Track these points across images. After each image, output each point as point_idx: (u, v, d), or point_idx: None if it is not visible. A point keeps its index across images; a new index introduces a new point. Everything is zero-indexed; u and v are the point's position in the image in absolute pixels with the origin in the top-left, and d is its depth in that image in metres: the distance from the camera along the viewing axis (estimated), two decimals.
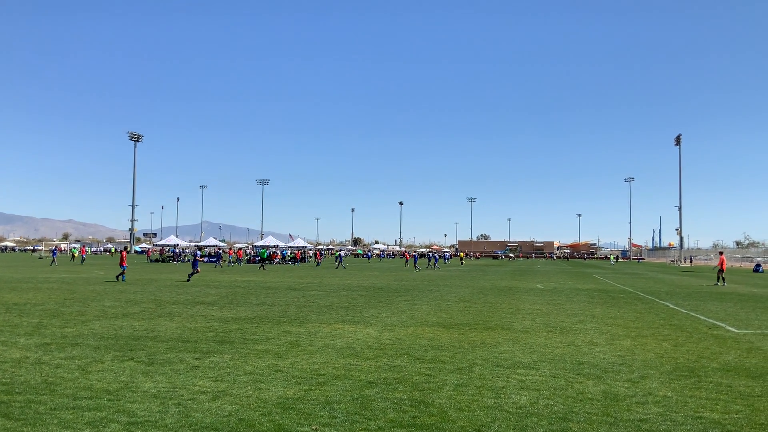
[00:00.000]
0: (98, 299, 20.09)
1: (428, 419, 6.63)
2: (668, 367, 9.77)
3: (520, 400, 7.56)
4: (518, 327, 14.48)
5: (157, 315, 15.82)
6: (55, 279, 31.68)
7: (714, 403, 7.55)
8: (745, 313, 18.73)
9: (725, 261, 36.19)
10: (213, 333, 12.79)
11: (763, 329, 14.93)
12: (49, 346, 10.97)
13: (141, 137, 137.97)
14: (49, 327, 13.37)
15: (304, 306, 18.82)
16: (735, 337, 13.39)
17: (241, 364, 9.52)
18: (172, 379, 8.40)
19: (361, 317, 16.03)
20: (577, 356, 10.67)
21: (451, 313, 17.27)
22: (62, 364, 9.36)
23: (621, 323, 15.54)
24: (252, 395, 7.54)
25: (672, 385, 8.49)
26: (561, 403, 7.44)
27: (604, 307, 19.88)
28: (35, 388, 7.76)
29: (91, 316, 15.46)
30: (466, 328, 14.20)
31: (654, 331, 14.19)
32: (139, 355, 10.16)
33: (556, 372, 9.30)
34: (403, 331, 13.45)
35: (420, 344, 11.72)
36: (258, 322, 14.71)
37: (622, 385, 8.43)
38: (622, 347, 11.73)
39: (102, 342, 11.43)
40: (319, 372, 8.99)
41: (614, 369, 9.58)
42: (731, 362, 10.33)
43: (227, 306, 18.48)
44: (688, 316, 17.52)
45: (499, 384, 8.41)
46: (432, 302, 20.82)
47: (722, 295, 27.11)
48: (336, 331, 13.28)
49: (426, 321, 15.40)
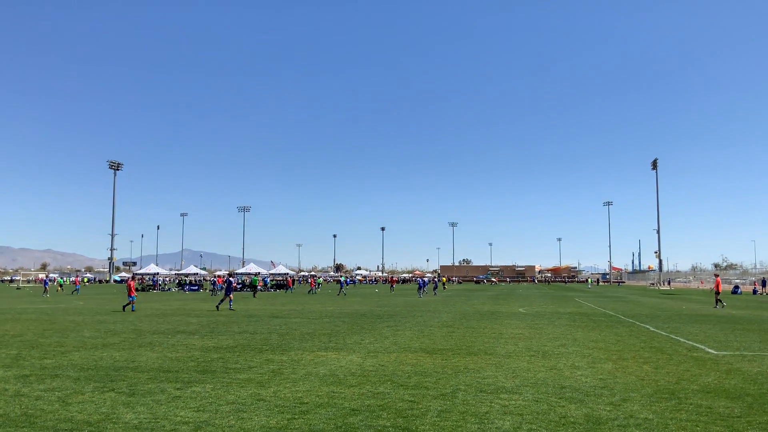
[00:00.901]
0: (77, 330, 19.84)
1: None
2: (649, 390, 9.86)
3: (504, 425, 7.58)
4: (501, 351, 14.53)
5: (138, 345, 15.67)
6: (33, 309, 31.25)
7: (694, 424, 7.64)
8: (724, 335, 18.93)
9: (721, 283, 36.12)
10: (194, 362, 12.69)
11: (741, 350, 15.10)
12: (28, 377, 10.82)
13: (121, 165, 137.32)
14: (28, 358, 13.19)
15: (287, 334, 18.73)
16: (714, 359, 13.53)
17: (223, 393, 9.46)
18: (154, 409, 8.33)
19: (344, 344, 15.99)
20: (560, 380, 10.73)
21: (434, 339, 17.28)
22: (42, 395, 9.24)
23: (602, 346, 15.65)
24: (234, 425, 7.50)
25: (653, 408, 8.56)
26: (544, 427, 7.48)
27: (585, 331, 20.00)
28: (15, 421, 7.66)
29: (70, 346, 15.27)
30: (449, 353, 14.22)
31: (635, 353, 14.31)
32: (119, 385, 10.06)
33: (539, 396, 9.34)
34: (387, 358, 13.44)
35: (403, 370, 11.72)
36: (240, 350, 14.62)
37: (604, 408, 8.49)
38: (604, 370, 11.81)
39: (82, 373, 11.30)
40: (302, 400, 8.96)
41: (596, 392, 9.65)
42: (711, 384, 10.44)
43: (208, 335, 18.34)
44: (668, 339, 17.68)
45: (483, 409, 8.43)
46: (415, 328, 20.81)
47: (701, 317, 27.38)
48: (319, 359, 13.23)
49: (409, 347, 15.40)
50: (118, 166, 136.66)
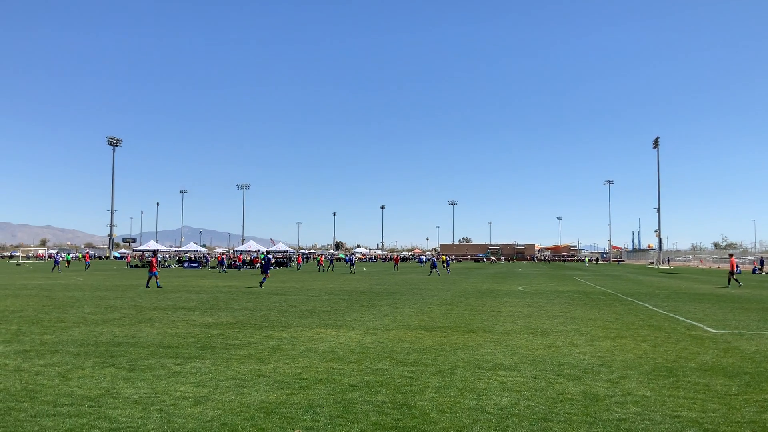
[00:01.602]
0: (77, 306, 19.90)
1: (410, 422, 6.68)
2: (647, 368, 9.90)
3: (502, 401, 7.62)
4: (499, 329, 14.58)
5: (138, 321, 15.72)
6: (32, 285, 31.33)
7: (692, 402, 7.67)
8: (723, 314, 18.99)
9: (735, 263, 35.47)
10: (194, 338, 12.74)
11: (740, 329, 15.16)
12: (28, 353, 10.86)
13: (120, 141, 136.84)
14: (28, 334, 13.24)
15: (286, 311, 18.79)
16: (712, 338, 13.58)
17: (223, 369, 9.50)
18: (154, 384, 8.37)
19: (344, 321, 16.04)
20: (558, 357, 10.78)
21: (433, 316, 17.33)
22: (42, 371, 9.28)
23: (601, 324, 15.70)
24: (234, 400, 7.54)
25: (651, 385, 8.60)
26: (541, 403, 7.52)
27: (584, 309, 20.06)
28: (15, 396, 7.70)
29: (70, 322, 15.32)
30: (447, 330, 14.27)
31: (633, 332, 14.36)
32: (119, 361, 10.10)
33: (537, 373, 9.38)
34: (386, 335, 13.49)
35: (402, 347, 11.76)
36: (240, 327, 14.67)
37: (602, 386, 8.53)
38: (602, 348, 11.86)
39: (82, 348, 11.34)
40: (302, 376, 9.00)
41: (594, 370, 9.69)
42: (709, 362, 10.48)
43: (208, 311, 18.39)
44: (667, 317, 17.74)
45: (481, 386, 8.47)
46: (414, 305, 20.88)
47: (700, 296, 27.46)
48: (318, 336, 13.28)
49: (408, 324, 15.45)
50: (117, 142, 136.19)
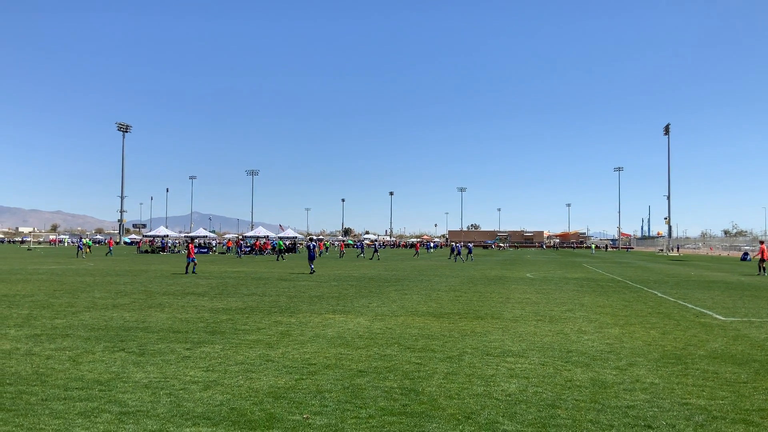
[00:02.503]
0: (88, 290, 20.04)
1: (418, 407, 6.69)
2: (656, 355, 9.88)
3: (510, 387, 7.63)
4: (508, 316, 14.57)
5: (148, 306, 15.81)
6: (44, 270, 31.54)
7: (700, 389, 7.66)
8: (732, 301, 18.91)
9: (766, 250, 34.61)
10: (204, 323, 12.80)
11: (749, 317, 15.09)
12: (39, 337, 10.95)
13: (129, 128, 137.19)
14: (39, 318, 13.34)
15: (295, 296, 18.85)
16: (722, 325, 13.54)
17: (232, 354, 9.55)
18: (164, 369, 8.42)
19: (352, 307, 16.07)
20: (566, 344, 10.77)
21: (441, 303, 17.35)
22: (53, 355, 9.36)
23: (609, 312, 15.67)
24: (243, 385, 7.58)
25: (659, 373, 8.59)
26: (550, 390, 7.52)
27: (592, 296, 20.02)
28: (26, 379, 7.77)
29: (81, 307, 15.43)
30: (456, 317, 14.28)
31: (642, 319, 14.32)
32: (130, 345, 10.17)
33: (545, 360, 9.38)
34: (394, 321, 13.51)
35: (410, 333, 11.78)
36: (249, 312, 14.73)
37: (610, 373, 8.52)
38: (611, 335, 11.84)
39: (92, 333, 11.42)
40: (310, 361, 9.03)
41: (602, 357, 9.68)
42: (718, 350, 10.45)
43: (218, 297, 18.48)
44: (676, 305, 17.68)
45: (489, 372, 8.48)
46: (422, 292, 20.90)
47: (709, 283, 27.35)
48: (327, 321, 13.32)
49: (416, 310, 15.47)
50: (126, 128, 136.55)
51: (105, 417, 6.23)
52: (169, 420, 6.16)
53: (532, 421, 6.30)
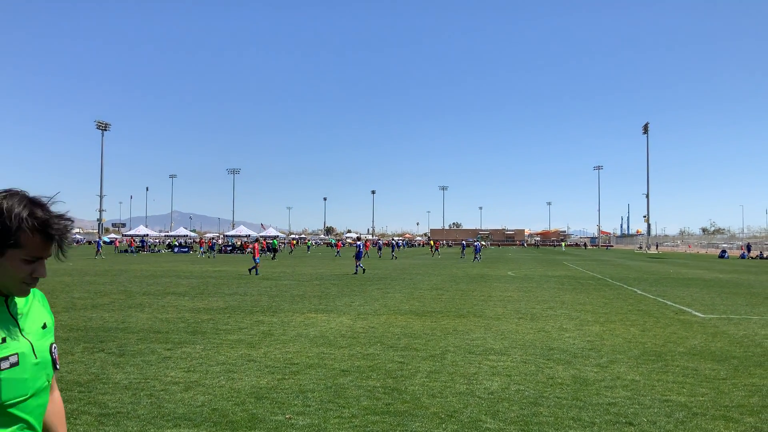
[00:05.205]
0: (66, 291, 19.80)
1: (401, 406, 6.69)
2: (636, 352, 9.96)
3: (492, 385, 7.65)
4: (490, 314, 14.62)
5: (128, 306, 15.66)
6: None
7: (680, 386, 7.73)
8: (711, 298, 19.13)
9: None
10: (184, 323, 12.70)
11: (728, 314, 15.27)
12: None
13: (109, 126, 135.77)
14: None
15: (277, 296, 18.77)
16: (701, 322, 13.68)
17: (213, 354, 9.48)
18: (144, 370, 8.34)
19: (334, 306, 16.04)
20: (548, 342, 10.83)
21: (423, 301, 17.36)
22: None
23: (590, 309, 15.78)
24: (225, 385, 7.53)
25: (640, 370, 8.66)
26: (532, 388, 7.55)
27: (573, 294, 20.16)
28: None
29: (59, 307, 15.24)
30: (438, 315, 14.30)
31: (622, 316, 14.44)
32: (109, 346, 10.06)
33: (527, 358, 9.42)
34: (376, 320, 13.50)
35: (393, 332, 11.78)
36: (230, 312, 14.64)
37: (591, 370, 8.58)
38: (591, 333, 11.92)
39: (71, 334, 11.29)
40: (293, 361, 8.99)
41: (583, 354, 9.74)
42: (697, 346, 10.56)
43: (199, 296, 18.35)
44: (656, 302, 17.85)
45: (471, 370, 8.50)
46: (405, 290, 20.91)
47: (688, 281, 27.66)
48: (309, 321, 13.28)
49: (399, 309, 15.47)
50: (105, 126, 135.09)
51: (85, 419, 6.15)
52: (150, 421, 6.10)
53: (514, 419, 6.32)
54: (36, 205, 1.93)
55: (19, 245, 1.89)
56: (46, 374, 2.04)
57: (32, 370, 1.96)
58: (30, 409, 1.97)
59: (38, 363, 2.00)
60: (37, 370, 1.98)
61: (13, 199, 1.90)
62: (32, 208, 1.91)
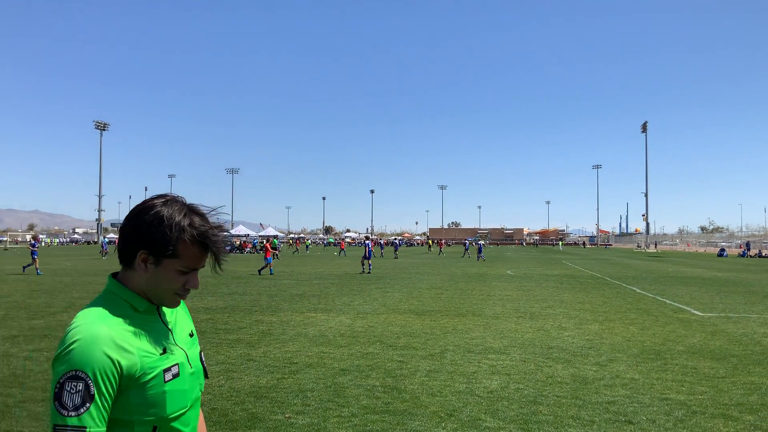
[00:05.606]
0: (66, 291, 19.79)
1: (401, 405, 6.70)
2: (635, 351, 9.97)
3: (491, 384, 7.66)
4: (489, 313, 14.63)
5: None
6: (20, 271, 31.12)
7: (680, 384, 7.74)
8: (710, 297, 19.15)
9: None
10: None
11: (726, 312, 15.29)
12: (16, 338, 10.80)
13: (107, 126, 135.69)
14: (16, 319, 13.16)
15: (276, 295, 18.77)
16: (700, 321, 13.70)
17: (212, 354, 9.49)
18: None
19: (334, 305, 16.04)
20: (547, 341, 10.83)
21: (422, 300, 17.37)
22: (31, 356, 9.23)
23: (589, 308, 15.79)
24: (224, 385, 7.53)
25: (639, 368, 8.67)
26: (531, 386, 7.56)
27: (572, 293, 20.17)
28: (3, 381, 7.65)
29: (59, 307, 15.23)
30: (437, 314, 14.31)
31: (621, 315, 14.45)
32: None
33: (526, 356, 9.43)
34: (376, 319, 13.50)
35: (392, 331, 11.78)
36: (229, 311, 14.64)
37: (591, 369, 8.59)
38: (591, 331, 11.93)
39: None
40: (292, 360, 9.00)
41: (583, 353, 9.75)
42: (696, 345, 10.57)
43: (197, 296, 18.34)
44: (655, 301, 17.87)
45: (471, 369, 8.51)
46: (404, 289, 20.92)
47: (687, 279, 27.68)
48: (308, 320, 13.28)
49: (398, 308, 15.48)
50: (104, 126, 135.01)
51: None
52: None
53: (513, 417, 6.32)
54: (195, 214, 1.87)
55: (176, 255, 1.82)
56: (199, 384, 1.96)
57: (189, 381, 1.90)
58: (188, 421, 1.89)
59: (193, 372, 1.92)
60: (193, 380, 1.91)
61: (173, 207, 1.84)
62: (192, 218, 1.85)
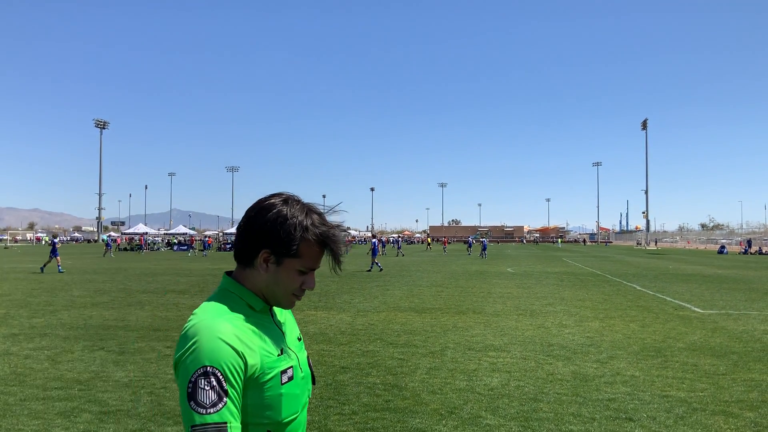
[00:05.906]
0: (66, 289, 19.80)
1: (402, 402, 6.70)
2: (636, 348, 9.98)
3: (492, 381, 7.66)
4: (489, 310, 14.63)
5: (127, 304, 15.66)
6: (21, 269, 31.14)
7: (680, 381, 7.74)
8: (710, 294, 19.15)
9: None
10: (184, 321, 12.67)
11: (727, 309, 15.29)
12: (17, 336, 10.80)
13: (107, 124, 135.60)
14: (17, 317, 13.16)
15: None
16: (700, 318, 13.70)
17: None
18: (144, 368, 8.34)
19: (334, 303, 16.04)
20: (547, 338, 10.84)
21: (423, 298, 17.37)
22: (31, 354, 9.23)
23: (589, 305, 15.79)
24: None
25: (639, 365, 8.67)
26: (531, 384, 7.56)
27: (573, 290, 20.17)
28: (4, 380, 7.66)
29: (59, 306, 15.24)
30: (438, 312, 14.31)
31: (622, 312, 14.45)
32: (109, 344, 10.07)
33: (527, 354, 9.43)
34: (376, 317, 13.51)
35: (393, 329, 11.79)
36: None
37: (591, 366, 8.59)
38: (591, 329, 11.93)
39: (71, 332, 11.29)
40: None
41: (583, 350, 9.75)
42: (696, 342, 10.57)
43: (198, 294, 18.35)
44: (655, 298, 17.87)
45: (471, 367, 8.51)
46: (404, 287, 20.92)
47: (687, 276, 27.68)
48: (309, 318, 13.28)
49: (398, 306, 15.48)
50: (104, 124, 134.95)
51: (85, 417, 6.16)
52: (150, 419, 6.11)
53: (514, 415, 6.33)
54: (315, 213, 1.83)
55: (298, 255, 1.78)
56: (308, 389, 1.90)
57: (301, 385, 1.84)
58: (298, 426, 1.83)
59: (304, 377, 1.87)
60: (303, 384, 1.87)
61: (294, 206, 1.80)
62: (312, 217, 1.81)
